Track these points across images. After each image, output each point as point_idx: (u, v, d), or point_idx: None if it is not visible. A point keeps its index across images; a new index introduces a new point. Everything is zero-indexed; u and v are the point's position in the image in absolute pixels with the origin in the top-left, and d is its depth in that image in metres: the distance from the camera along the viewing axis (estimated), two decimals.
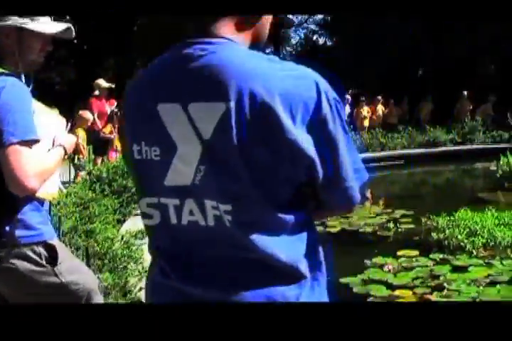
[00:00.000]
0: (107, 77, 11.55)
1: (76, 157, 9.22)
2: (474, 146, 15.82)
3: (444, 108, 17.75)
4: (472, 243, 6.98)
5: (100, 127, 10.42)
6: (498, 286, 5.79)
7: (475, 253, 6.83)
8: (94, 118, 10.06)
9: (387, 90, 18.82)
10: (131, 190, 8.23)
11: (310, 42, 26.14)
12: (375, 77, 21.53)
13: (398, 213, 9.17)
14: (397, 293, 5.75)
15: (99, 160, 10.24)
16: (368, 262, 6.70)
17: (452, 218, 7.81)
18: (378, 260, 6.74)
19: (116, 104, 10.97)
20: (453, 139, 16.05)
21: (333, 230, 8.33)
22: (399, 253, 6.98)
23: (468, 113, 17.51)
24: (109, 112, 10.69)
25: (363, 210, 9.47)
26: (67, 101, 11.71)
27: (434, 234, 7.41)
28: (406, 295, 5.65)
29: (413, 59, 21.92)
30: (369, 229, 8.38)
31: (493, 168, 11.73)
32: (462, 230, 7.29)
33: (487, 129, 16.54)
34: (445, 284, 5.88)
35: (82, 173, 8.70)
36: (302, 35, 27.17)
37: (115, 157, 10.25)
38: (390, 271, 6.40)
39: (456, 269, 6.34)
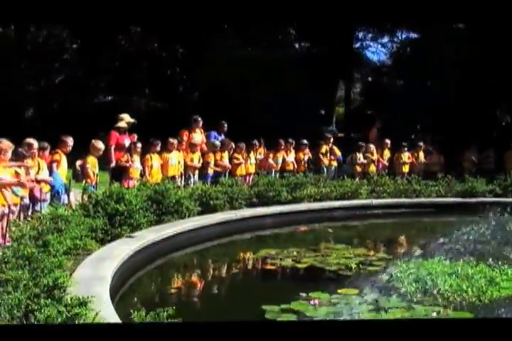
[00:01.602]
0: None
1: (84, 181, 10.46)
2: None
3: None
4: (410, 288, 7.58)
5: (113, 158, 11.61)
6: None
7: (410, 297, 7.42)
8: (110, 149, 11.32)
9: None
10: (123, 213, 9.38)
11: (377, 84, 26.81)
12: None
13: (376, 256, 9.77)
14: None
15: (114, 185, 11.39)
16: (302, 295, 7.42)
17: (412, 265, 8.43)
18: (313, 294, 7.45)
19: (136, 137, 12.17)
20: (493, 190, 16.21)
21: (300, 266, 9.09)
22: (339, 290, 7.66)
23: None
24: (127, 145, 11.88)
25: (344, 251, 10.13)
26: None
27: (382, 277, 8.07)
28: None
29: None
30: (334, 268, 9.04)
31: None
32: (409, 276, 7.92)
33: None
34: None
35: (85, 196, 9.85)
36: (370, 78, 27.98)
37: (130, 184, 11.41)
38: (314, 305, 7.10)
39: (376, 310, 6.96)
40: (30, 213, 9.24)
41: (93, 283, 6.79)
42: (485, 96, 21.63)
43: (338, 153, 16.65)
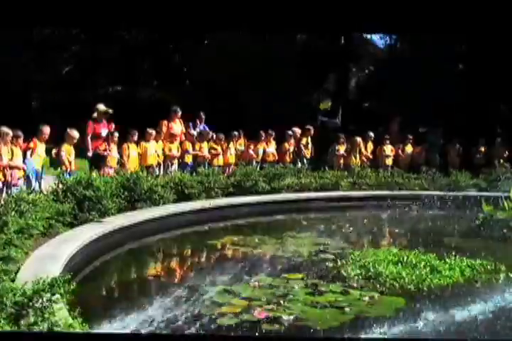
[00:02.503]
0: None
1: (60, 168, 11.09)
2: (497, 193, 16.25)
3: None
4: (353, 274, 8.13)
5: (90, 147, 12.22)
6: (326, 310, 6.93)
7: (351, 282, 7.97)
8: (86, 138, 11.98)
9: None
10: (91, 199, 9.98)
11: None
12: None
13: (336, 246, 10.31)
14: (234, 301, 7.04)
15: (93, 173, 11.99)
16: (246, 278, 8.00)
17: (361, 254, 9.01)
18: (258, 278, 8.02)
19: (114, 127, 12.77)
20: (477, 184, 16.62)
21: (257, 252, 9.70)
22: (285, 275, 8.22)
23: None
24: (104, 134, 12.50)
25: (305, 240, 10.69)
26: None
27: (330, 264, 8.66)
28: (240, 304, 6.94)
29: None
30: (289, 255, 9.60)
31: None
32: (355, 263, 8.50)
33: None
34: (283, 302, 7.07)
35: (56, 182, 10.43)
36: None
37: (108, 172, 12.03)
38: (254, 287, 7.65)
39: (312, 293, 7.50)
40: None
41: (47, 261, 7.40)
42: (490, 88, 21.90)
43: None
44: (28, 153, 10.79)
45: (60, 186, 10.03)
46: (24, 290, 4.36)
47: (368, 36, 28.83)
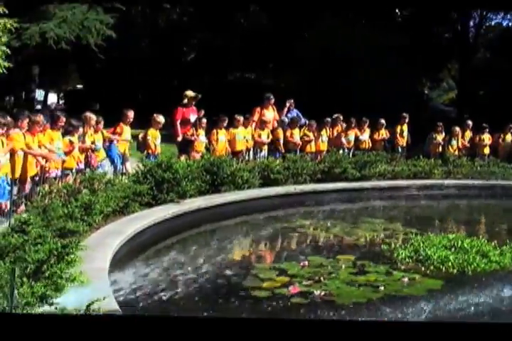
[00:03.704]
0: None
1: (146, 152, 12.05)
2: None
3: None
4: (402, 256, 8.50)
5: (179, 132, 13.08)
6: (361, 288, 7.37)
7: (401, 265, 8.34)
8: (176, 124, 12.88)
9: None
10: (170, 181, 10.78)
11: None
12: None
13: (404, 232, 10.62)
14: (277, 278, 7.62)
15: (182, 157, 12.87)
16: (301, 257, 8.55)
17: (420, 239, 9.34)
18: (311, 258, 8.55)
19: (203, 113, 13.59)
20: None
21: (323, 234, 10.19)
22: (338, 256, 8.71)
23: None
24: (193, 120, 13.32)
25: (378, 225, 11.05)
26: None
27: (385, 247, 9.05)
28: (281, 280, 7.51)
29: None
30: (352, 238, 10.04)
31: None
32: (408, 247, 8.85)
33: None
34: (322, 280, 7.56)
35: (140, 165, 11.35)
36: None
37: (195, 156, 12.86)
38: (303, 266, 8.17)
39: (355, 273, 7.94)
40: None
41: (111, 235, 8.27)
42: None
43: None
44: (116, 136, 11.83)
45: (142, 168, 10.91)
46: (43, 250, 5.17)
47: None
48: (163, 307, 6.60)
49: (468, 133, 17.37)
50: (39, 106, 37.89)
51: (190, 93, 13.45)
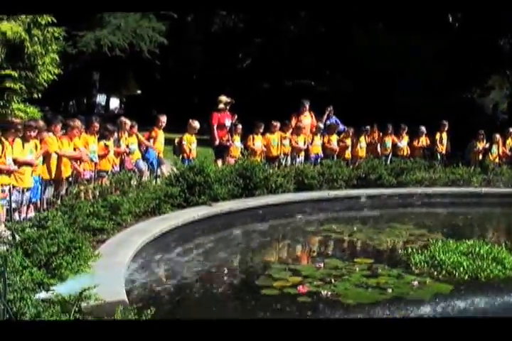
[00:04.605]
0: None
1: (181, 156, 12.56)
2: None
3: None
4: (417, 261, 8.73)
5: (216, 137, 13.51)
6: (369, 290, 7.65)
7: (415, 269, 8.58)
8: (212, 129, 13.35)
9: None
10: (201, 184, 11.21)
11: None
12: None
13: (427, 238, 10.79)
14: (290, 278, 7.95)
15: (219, 162, 13.32)
16: (318, 259, 8.87)
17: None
18: (329, 260, 8.85)
19: (236, 117, 13.99)
20: None
21: (347, 238, 10.46)
22: (356, 259, 8.99)
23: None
24: (228, 125, 13.76)
25: (403, 231, 11.25)
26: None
27: (403, 252, 9.32)
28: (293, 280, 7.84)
29: None
30: (375, 242, 10.29)
31: None
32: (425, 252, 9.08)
33: None
34: (333, 281, 7.86)
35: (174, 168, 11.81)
36: None
37: (230, 161, 13.30)
38: (319, 268, 8.48)
39: (368, 276, 8.21)
40: None
41: (136, 234, 8.74)
42: None
43: None
44: (151, 141, 12.41)
45: (175, 171, 11.39)
46: (53, 244, 5.66)
47: None
48: (173, 298, 7.09)
49: (510, 141, 17.30)
50: (102, 111, 39.23)
51: (224, 98, 13.88)
